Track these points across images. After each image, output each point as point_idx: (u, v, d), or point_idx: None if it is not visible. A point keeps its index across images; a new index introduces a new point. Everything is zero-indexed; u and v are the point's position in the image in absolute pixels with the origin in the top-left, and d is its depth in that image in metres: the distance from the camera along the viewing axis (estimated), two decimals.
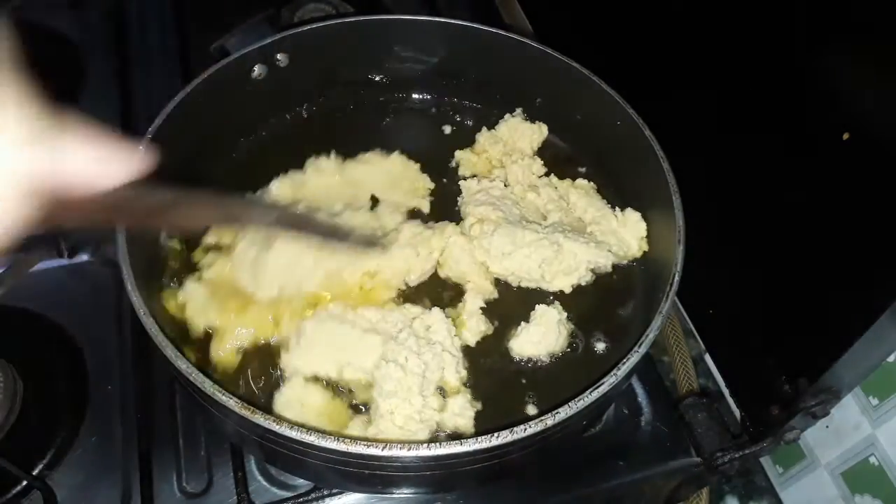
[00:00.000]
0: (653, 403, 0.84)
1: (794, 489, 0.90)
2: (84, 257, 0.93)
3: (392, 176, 0.91)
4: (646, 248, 0.85)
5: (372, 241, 0.78)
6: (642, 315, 0.79)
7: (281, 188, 0.87)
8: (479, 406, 0.73)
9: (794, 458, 0.89)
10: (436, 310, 0.77)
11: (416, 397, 0.69)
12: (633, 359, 0.63)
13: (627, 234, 0.86)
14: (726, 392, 0.89)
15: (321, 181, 0.89)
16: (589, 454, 0.80)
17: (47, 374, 0.82)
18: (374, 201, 0.88)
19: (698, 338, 0.94)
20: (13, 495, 0.74)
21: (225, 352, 0.74)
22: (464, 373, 0.75)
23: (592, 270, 0.83)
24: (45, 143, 0.33)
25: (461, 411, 0.71)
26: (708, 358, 0.96)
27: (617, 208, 0.87)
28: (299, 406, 0.71)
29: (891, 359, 0.73)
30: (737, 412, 0.84)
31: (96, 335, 0.86)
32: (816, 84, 0.67)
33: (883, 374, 0.75)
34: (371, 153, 0.92)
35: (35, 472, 0.75)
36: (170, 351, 0.62)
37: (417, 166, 0.93)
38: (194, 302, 0.76)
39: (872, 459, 0.78)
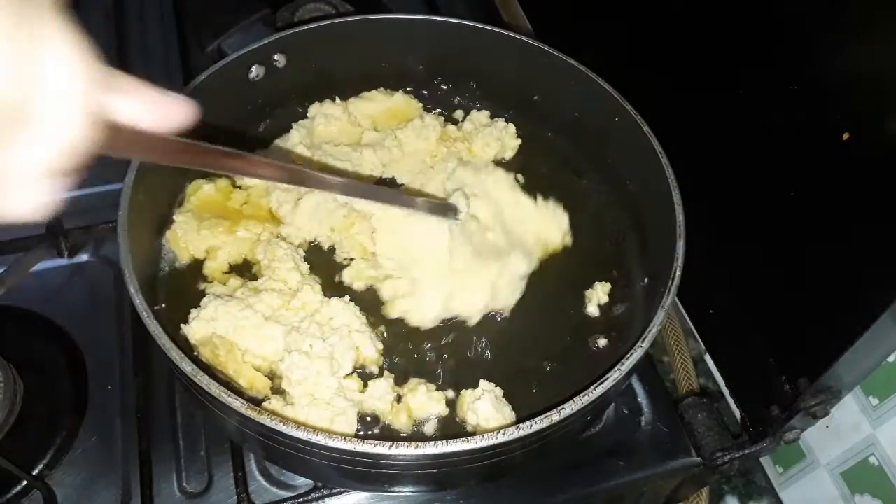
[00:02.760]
0: (653, 403, 0.84)
1: (794, 489, 0.90)
2: (84, 257, 0.92)
3: (395, 111, 0.96)
4: (569, 242, 0.87)
5: (446, 208, 0.81)
6: (643, 312, 0.79)
7: (293, 139, 0.90)
8: (400, 390, 0.73)
9: (794, 458, 0.89)
10: (335, 300, 0.76)
11: (328, 380, 0.69)
12: (637, 354, 0.64)
13: (550, 227, 0.86)
14: (726, 392, 0.89)
15: (329, 125, 0.93)
16: (589, 454, 0.80)
17: (47, 374, 0.82)
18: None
19: (698, 338, 0.94)
20: (13, 495, 0.74)
21: (217, 266, 0.80)
22: (380, 345, 0.76)
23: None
24: (106, 78, 0.37)
25: (382, 395, 0.71)
26: (708, 358, 0.96)
27: (539, 198, 0.88)
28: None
29: (891, 359, 0.73)
30: (737, 412, 0.84)
31: (96, 335, 0.86)
32: (816, 84, 0.67)
33: (883, 374, 0.75)
34: (375, 91, 0.98)
35: (35, 472, 0.75)
36: (174, 353, 0.62)
37: (420, 105, 0.98)
38: (186, 230, 0.80)
39: (872, 459, 0.78)
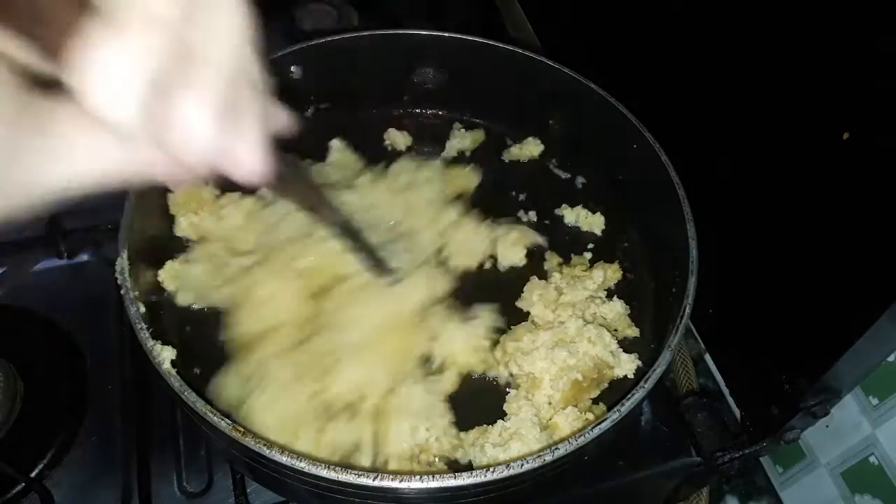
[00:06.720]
0: (653, 403, 0.84)
1: (794, 489, 0.90)
2: (84, 257, 0.92)
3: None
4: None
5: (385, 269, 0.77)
6: (653, 343, 0.79)
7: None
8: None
9: (794, 458, 0.89)
10: None
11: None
12: (639, 395, 0.63)
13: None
14: (726, 392, 0.89)
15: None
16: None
17: (47, 374, 0.82)
18: None
19: (698, 338, 0.94)
20: (12, 496, 0.74)
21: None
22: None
23: None
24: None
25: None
26: (708, 358, 0.96)
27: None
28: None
29: (891, 359, 0.73)
30: (737, 412, 0.84)
31: (96, 335, 0.86)
32: (816, 84, 0.67)
33: (883, 374, 0.75)
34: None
35: (35, 473, 0.75)
36: (165, 367, 0.62)
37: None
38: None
39: (872, 459, 0.78)
